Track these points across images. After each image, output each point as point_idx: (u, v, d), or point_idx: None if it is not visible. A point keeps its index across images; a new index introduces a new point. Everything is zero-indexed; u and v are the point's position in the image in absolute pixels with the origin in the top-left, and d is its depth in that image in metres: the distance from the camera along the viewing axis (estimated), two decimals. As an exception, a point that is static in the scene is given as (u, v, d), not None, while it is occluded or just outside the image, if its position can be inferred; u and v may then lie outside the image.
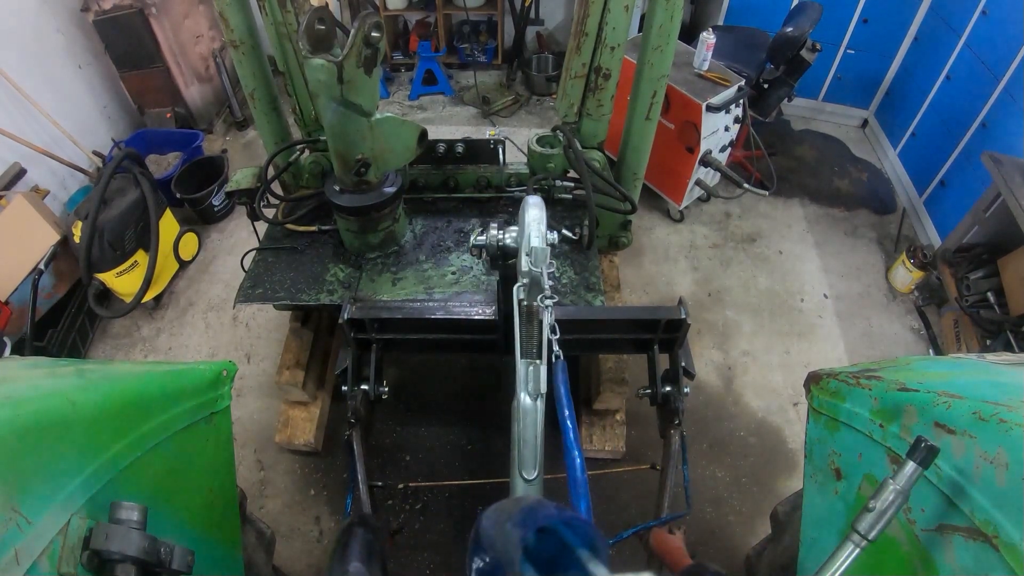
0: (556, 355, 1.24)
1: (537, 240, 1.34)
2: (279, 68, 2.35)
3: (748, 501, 2.59)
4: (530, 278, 1.30)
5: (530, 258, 1.29)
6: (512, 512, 0.75)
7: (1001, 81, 3.02)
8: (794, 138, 4.46)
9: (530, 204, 1.45)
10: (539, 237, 1.36)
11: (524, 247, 1.35)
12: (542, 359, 1.31)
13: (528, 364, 1.32)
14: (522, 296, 1.33)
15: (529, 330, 1.34)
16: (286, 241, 2.50)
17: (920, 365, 1.34)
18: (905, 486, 0.90)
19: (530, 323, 1.34)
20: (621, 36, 2.18)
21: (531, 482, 1.26)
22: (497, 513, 0.83)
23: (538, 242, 1.33)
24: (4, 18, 3.27)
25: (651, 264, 3.56)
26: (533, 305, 1.33)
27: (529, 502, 0.78)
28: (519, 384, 1.31)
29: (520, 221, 1.45)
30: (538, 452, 1.26)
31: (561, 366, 1.23)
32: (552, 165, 2.49)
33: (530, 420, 1.27)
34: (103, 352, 3.21)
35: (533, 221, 1.40)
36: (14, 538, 0.75)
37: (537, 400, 1.28)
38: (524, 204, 1.46)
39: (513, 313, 1.35)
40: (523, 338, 1.34)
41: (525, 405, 1.29)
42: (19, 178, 3.21)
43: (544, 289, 1.25)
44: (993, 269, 2.92)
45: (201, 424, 1.32)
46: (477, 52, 4.94)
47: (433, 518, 2.51)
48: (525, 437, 1.27)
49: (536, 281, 1.29)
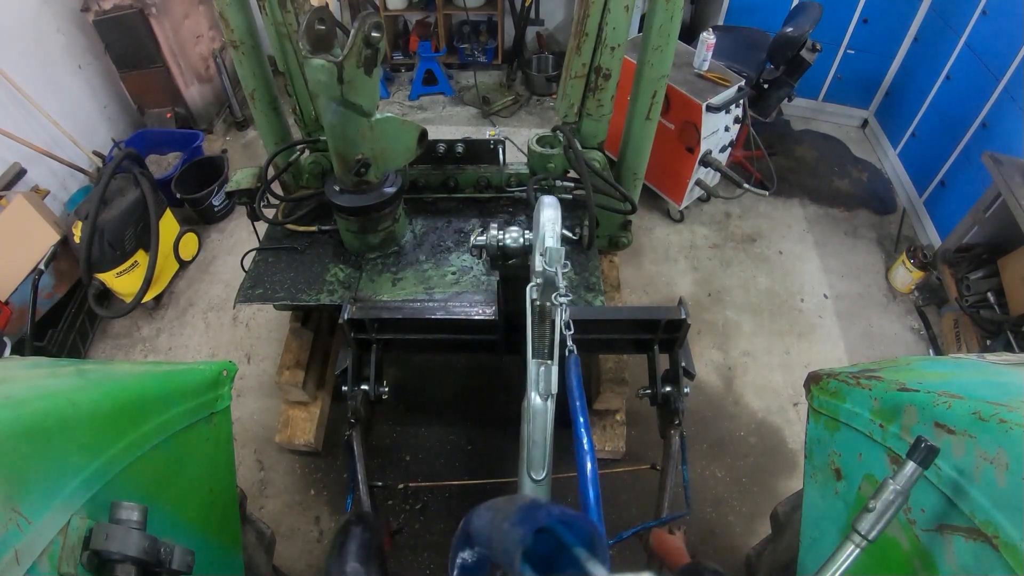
0: (570, 350, 1.24)
1: (552, 240, 1.34)
2: (279, 68, 2.35)
3: (748, 501, 2.59)
4: (544, 278, 1.30)
5: (544, 258, 1.29)
6: (509, 512, 0.75)
7: (1001, 81, 3.02)
8: (794, 138, 4.46)
9: (545, 204, 1.45)
10: (554, 237, 1.36)
11: (539, 247, 1.35)
12: (554, 359, 1.30)
13: (540, 364, 1.31)
14: (535, 296, 1.33)
15: (541, 330, 1.33)
16: (286, 241, 2.50)
17: (920, 365, 1.34)
18: (905, 486, 0.89)
19: (542, 323, 1.34)
20: (621, 36, 2.19)
21: (539, 483, 1.25)
22: (492, 512, 0.82)
23: (553, 242, 1.33)
24: (4, 18, 3.27)
25: (651, 264, 3.56)
26: (546, 305, 1.32)
27: (525, 501, 0.78)
28: (530, 384, 1.30)
29: (535, 221, 1.45)
30: (547, 453, 1.26)
31: (575, 362, 1.23)
32: (552, 165, 2.49)
33: (540, 421, 1.27)
34: (103, 352, 3.21)
35: (548, 221, 1.41)
36: (14, 538, 0.75)
37: (548, 400, 1.28)
38: (539, 204, 1.46)
39: (525, 313, 1.34)
40: (535, 338, 1.33)
41: (536, 405, 1.28)
42: (19, 178, 3.21)
43: (559, 288, 1.25)
44: (993, 269, 2.92)
45: (201, 424, 1.32)
46: (477, 52, 4.94)
47: (433, 518, 2.51)
48: (534, 438, 1.26)
49: (551, 281, 1.29)
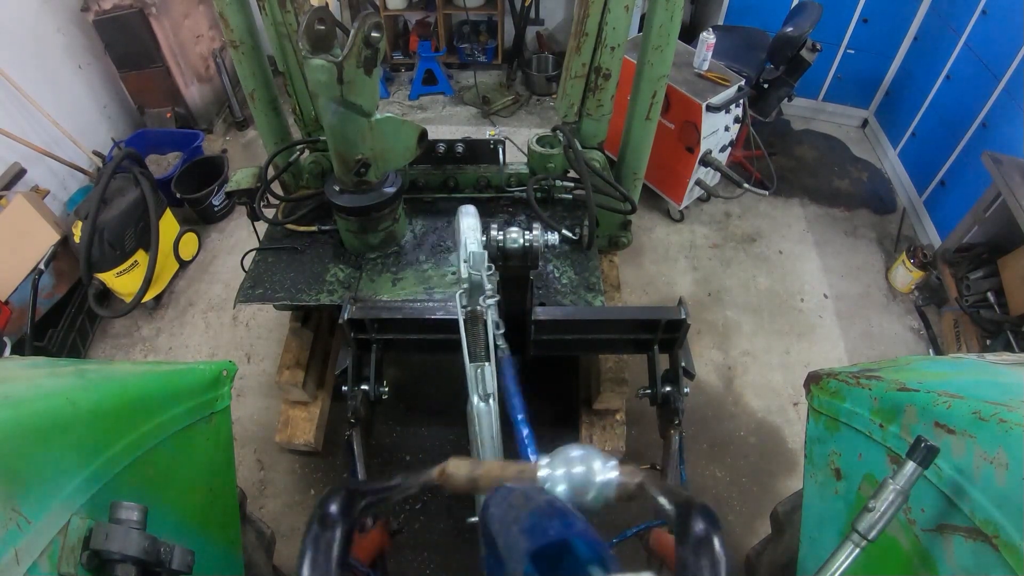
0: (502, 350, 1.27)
1: (475, 245, 1.36)
2: (279, 68, 2.35)
3: (748, 501, 2.59)
4: (470, 283, 1.32)
5: (468, 264, 1.31)
6: (521, 514, 0.75)
7: (1001, 81, 3.02)
8: (794, 138, 4.46)
9: (464, 213, 1.51)
10: (476, 243, 1.41)
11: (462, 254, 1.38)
12: (489, 360, 1.33)
13: (476, 367, 1.34)
14: (464, 302, 1.36)
15: (474, 334, 1.36)
16: (286, 241, 2.49)
17: (920, 365, 1.34)
18: (905, 486, 0.89)
19: (474, 326, 1.36)
20: (621, 36, 2.18)
21: None
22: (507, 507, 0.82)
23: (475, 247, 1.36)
24: (4, 18, 3.27)
25: (651, 264, 3.56)
26: (476, 309, 1.35)
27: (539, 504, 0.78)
28: (470, 387, 1.33)
29: (456, 230, 1.50)
30: (498, 451, 1.28)
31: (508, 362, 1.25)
32: (552, 165, 2.49)
33: (485, 422, 1.30)
34: (103, 352, 3.21)
35: (468, 229, 1.46)
36: (14, 538, 0.75)
37: (489, 401, 1.30)
38: (459, 213, 1.52)
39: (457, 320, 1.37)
40: (469, 343, 1.36)
41: (479, 408, 1.31)
42: (19, 178, 3.21)
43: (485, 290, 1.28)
44: (993, 269, 2.92)
45: (201, 424, 1.32)
46: (477, 52, 4.94)
47: (433, 518, 2.51)
48: (483, 438, 1.29)
49: (477, 285, 1.31)
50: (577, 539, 0.69)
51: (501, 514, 0.81)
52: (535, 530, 0.70)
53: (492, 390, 1.31)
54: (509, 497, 0.84)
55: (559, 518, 0.73)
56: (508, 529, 0.75)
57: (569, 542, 0.69)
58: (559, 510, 0.76)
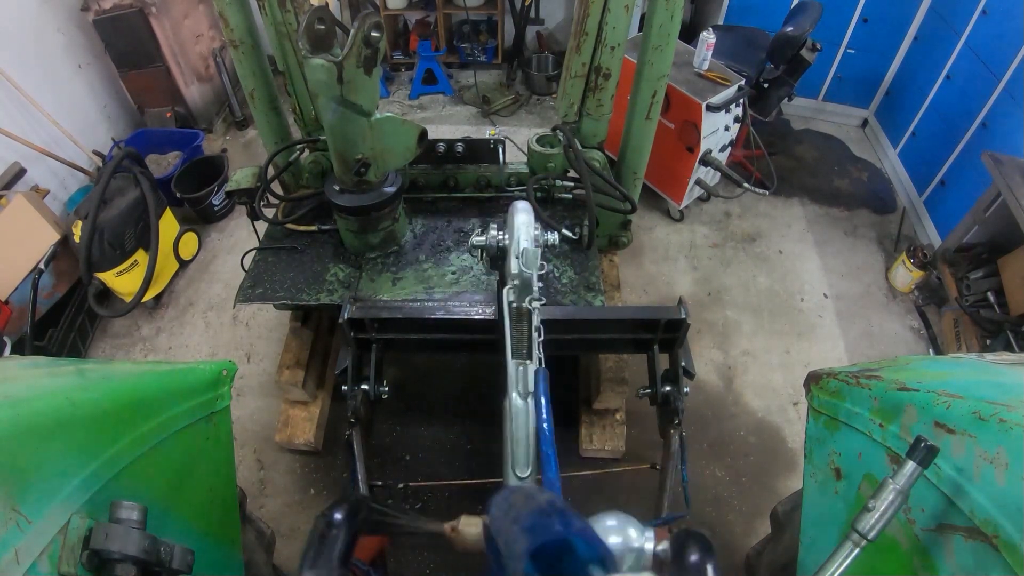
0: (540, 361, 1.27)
1: (527, 243, 1.35)
2: (279, 68, 2.35)
3: (748, 501, 2.59)
4: (521, 280, 1.31)
5: (520, 260, 1.30)
6: (521, 512, 0.75)
7: (1001, 81, 3.02)
8: (794, 138, 4.46)
9: (519, 208, 1.48)
10: (528, 240, 1.38)
11: (514, 250, 1.37)
12: (532, 359, 1.32)
13: (518, 364, 1.33)
14: (512, 298, 1.35)
15: (519, 331, 1.36)
16: (286, 241, 2.49)
17: (920, 365, 1.34)
18: (905, 486, 0.89)
19: (520, 324, 1.36)
20: (621, 36, 2.18)
21: (524, 480, 1.27)
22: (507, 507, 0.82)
23: (528, 244, 1.34)
24: (4, 18, 3.26)
25: (651, 264, 3.56)
26: (523, 307, 1.34)
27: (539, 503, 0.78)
28: (510, 384, 1.33)
29: (508, 225, 1.48)
30: (530, 450, 1.28)
31: (543, 374, 1.25)
32: (552, 165, 2.49)
33: (521, 419, 1.29)
34: (103, 352, 3.21)
35: (522, 225, 1.44)
36: (14, 538, 0.75)
37: (528, 399, 1.30)
38: (512, 208, 1.49)
39: (503, 314, 1.36)
40: (513, 339, 1.35)
41: (516, 405, 1.31)
42: (19, 178, 3.21)
43: (533, 291, 1.27)
44: (993, 269, 2.92)
45: (201, 424, 1.32)
46: (477, 52, 4.93)
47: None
48: (517, 436, 1.29)
49: (527, 283, 1.30)
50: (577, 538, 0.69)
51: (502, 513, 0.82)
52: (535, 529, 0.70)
53: (532, 388, 1.30)
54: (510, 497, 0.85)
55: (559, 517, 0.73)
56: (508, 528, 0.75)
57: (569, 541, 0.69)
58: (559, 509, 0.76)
